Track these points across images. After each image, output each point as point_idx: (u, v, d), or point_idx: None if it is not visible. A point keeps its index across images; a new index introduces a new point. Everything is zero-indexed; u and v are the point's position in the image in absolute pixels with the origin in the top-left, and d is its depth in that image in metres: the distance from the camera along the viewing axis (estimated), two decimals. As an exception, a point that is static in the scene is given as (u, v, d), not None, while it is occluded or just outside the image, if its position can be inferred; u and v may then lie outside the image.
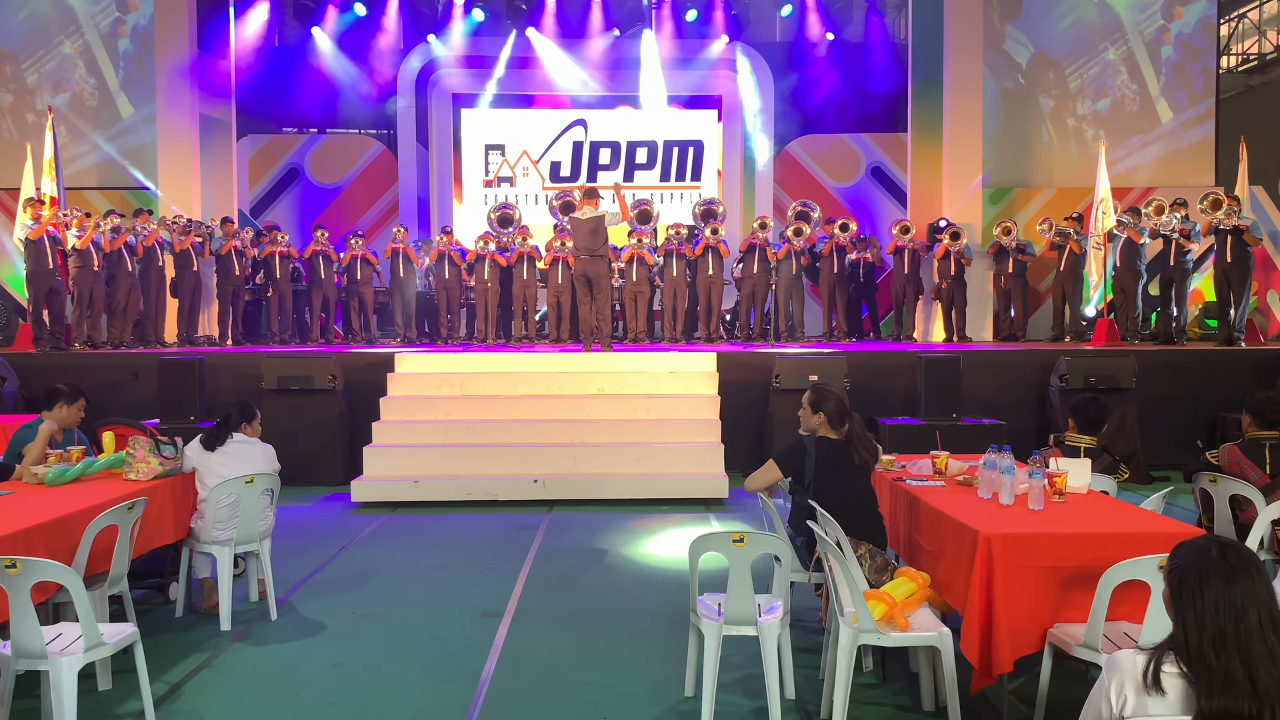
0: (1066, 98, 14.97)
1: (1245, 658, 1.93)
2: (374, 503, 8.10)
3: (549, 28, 14.89)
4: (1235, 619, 1.94)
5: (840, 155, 15.35)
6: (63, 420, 5.42)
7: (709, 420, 8.82)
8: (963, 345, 11.47)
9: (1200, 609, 1.98)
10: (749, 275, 12.01)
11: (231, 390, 9.03)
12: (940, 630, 3.61)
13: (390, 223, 14.59)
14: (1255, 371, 9.55)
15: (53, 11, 14.47)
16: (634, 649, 4.69)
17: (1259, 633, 1.94)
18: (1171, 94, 15.01)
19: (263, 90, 14.69)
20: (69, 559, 3.97)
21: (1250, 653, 1.93)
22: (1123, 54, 14.93)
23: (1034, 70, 14.91)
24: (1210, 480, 4.76)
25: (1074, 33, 14.91)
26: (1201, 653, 1.96)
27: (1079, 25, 14.92)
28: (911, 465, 4.98)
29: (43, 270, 10.49)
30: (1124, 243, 11.25)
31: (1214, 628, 1.96)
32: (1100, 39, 14.87)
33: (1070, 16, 14.88)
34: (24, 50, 14.45)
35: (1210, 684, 1.95)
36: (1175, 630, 2.03)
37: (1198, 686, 1.96)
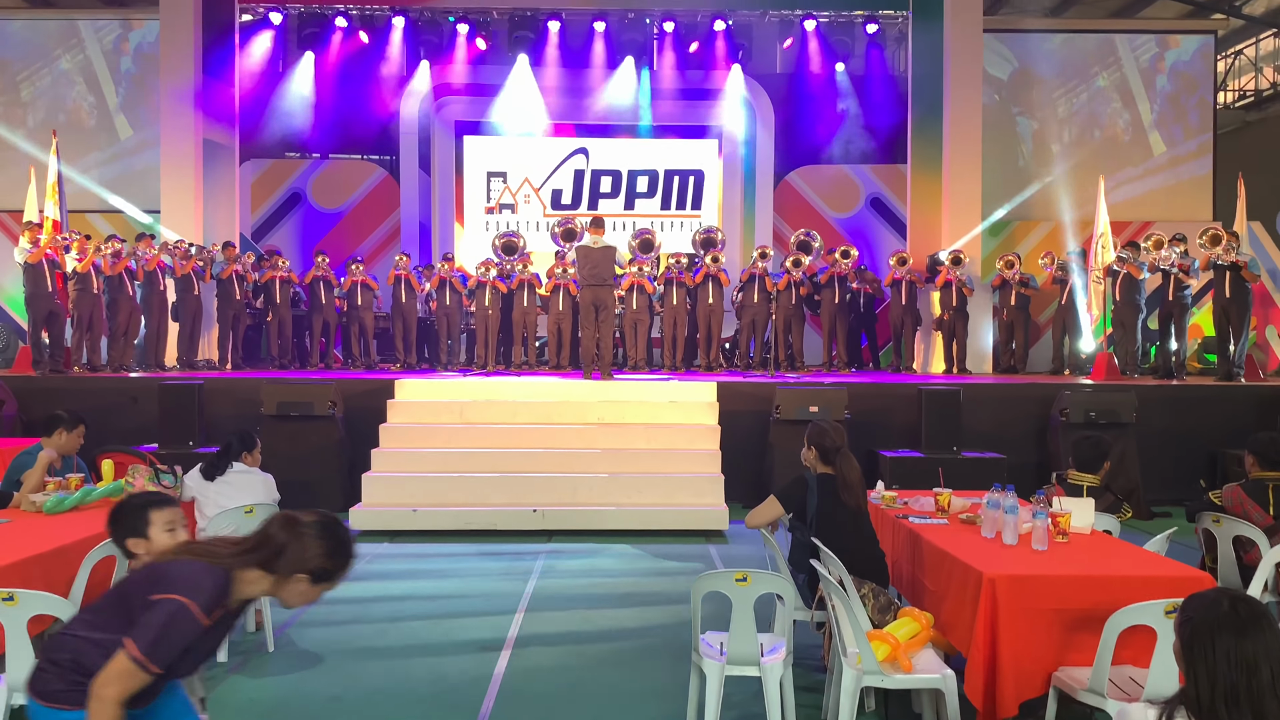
0: (1063, 131, 15.09)
1: (1258, 713, 1.92)
2: (372, 531, 8.06)
3: (551, 57, 14.98)
4: (1247, 675, 1.93)
5: (840, 186, 15.42)
6: (62, 447, 5.40)
7: (709, 451, 8.80)
8: (963, 377, 11.48)
9: (1212, 663, 1.96)
10: (749, 304, 12.03)
11: (231, 415, 9.01)
12: (944, 672, 3.59)
13: (392, 248, 14.62)
14: (1256, 408, 9.56)
15: (53, 25, 14.58)
16: (634, 685, 4.65)
17: (1271, 689, 1.92)
18: (1168, 130, 15.12)
19: (266, 115, 14.76)
20: (66, 590, 3.94)
21: (1264, 709, 1.91)
22: (1117, 86, 15.05)
23: (1034, 104, 15.04)
24: (1214, 521, 4.75)
25: (1072, 67, 15.06)
26: (1214, 709, 1.94)
27: (1074, 59, 15.06)
28: (914, 502, 4.97)
29: (42, 293, 10.48)
30: (1123, 277, 11.29)
31: (1226, 683, 1.94)
32: (1093, 65, 15.03)
33: (1065, 48, 15.04)
34: (20, 62, 14.54)
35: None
36: (1186, 684, 2.01)
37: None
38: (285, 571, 2.47)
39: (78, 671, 2.35)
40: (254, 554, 2.46)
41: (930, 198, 13.63)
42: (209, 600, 2.36)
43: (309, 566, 2.48)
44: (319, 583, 2.51)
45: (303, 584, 2.49)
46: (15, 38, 14.65)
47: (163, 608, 2.31)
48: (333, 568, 2.51)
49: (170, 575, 2.37)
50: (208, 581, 2.37)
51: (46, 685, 2.40)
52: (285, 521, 2.51)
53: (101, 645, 2.35)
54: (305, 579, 2.48)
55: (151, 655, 2.28)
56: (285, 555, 2.46)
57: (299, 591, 2.50)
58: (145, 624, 2.31)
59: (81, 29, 14.70)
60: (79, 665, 2.36)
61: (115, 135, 14.72)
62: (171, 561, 2.42)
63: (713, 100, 15.32)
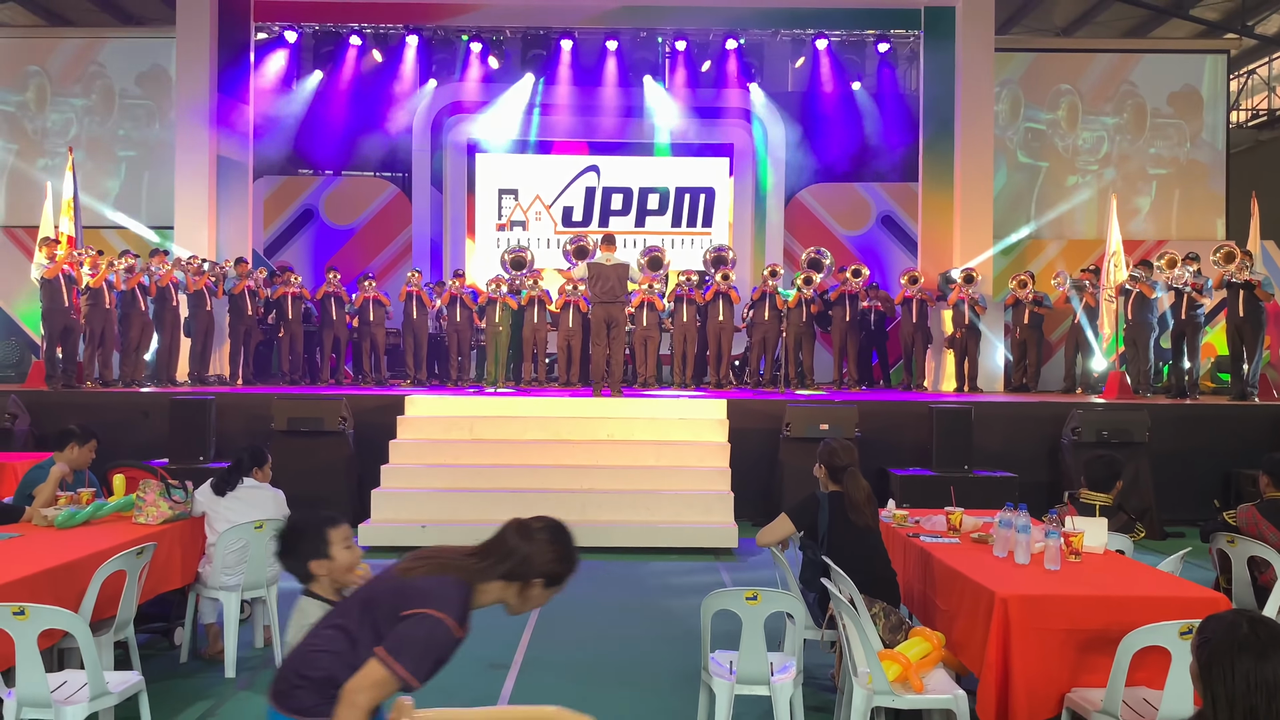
0: (1070, 150, 15.08)
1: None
2: (381, 547, 8.05)
3: (564, 75, 15.06)
4: (1268, 697, 1.90)
5: (851, 204, 15.44)
6: (74, 461, 5.42)
7: (719, 468, 8.77)
8: (974, 395, 11.44)
9: (1231, 685, 1.93)
10: (760, 322, 12.03)
11: (242, 431, 9.03)
12: (956, 692, 3.56)
13: (403, 264, 14.67)
14: (1270, 427, 9.49)
15: (70, 44, 14.75)
16: (643, 704, 4.62)
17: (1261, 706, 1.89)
18: (1180, 149, 15.09)
19: (279, 133, 14.87)
20: (76, 605, 3.94)
21: None
22: (1130, 105, 15.05)
23: (1029, 125, 15.06)
24: (1228, 541, 4.71)
25: (1085, 82, 15.06)
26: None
27: (1089, 76, 15.07)
28: (925, 521, 4.94)
29: (58, 308, 10.56)
30: (1135, 296, 11.25)
31: (1245, 705, 1.91)
32: (1106, 84, 15.05)
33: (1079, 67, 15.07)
34: (37, 80, 14.70)
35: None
36: (1204, 707, 1.98)
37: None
38: (523, 578, 2.52)
39: (332, 686, 2.37)
40: (497, 566, 2.51)
41: (942, 216, 13.63)
42: (461, 614, 2.41)
43: (544, 571, 2.53)
44: (551, 587, 2.56)
45: (537, 589, 2.55)
46: (33, 56, 14.81)
47: (421, 623, 2.35)
48: (564, 570, 2.58)
49: (420, 590, 2.40)
50: (456, 595, 2.42)
51: (301, 702, 2.41)
52: (519, 529, 2.57)
53: (349, 658, 2.38)
54: (540, 583, 2.54)
55: (415, 670, 2.33)
56: (523, 563, 2.51)
57: (532, 597, 2.56)
58: (404, 638, 2.34)
59: (98, 48, 14.85)
60: (333, 680, 2.38)
61: (130, 152, 14.83)
62: (418, 576, 2.44)
63: (724, 118, 15.37)
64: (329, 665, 2.40)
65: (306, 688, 2.42)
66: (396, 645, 2.33)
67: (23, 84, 14.79)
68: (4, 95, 14.79)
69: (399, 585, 2.43)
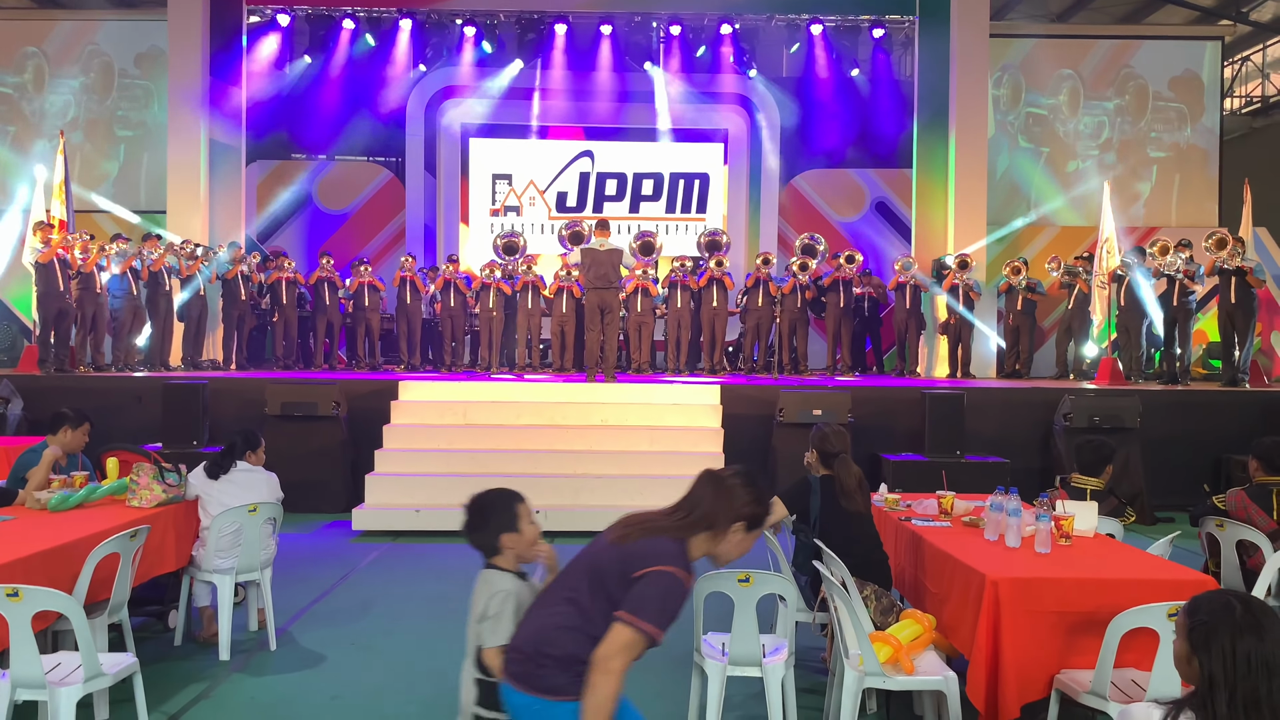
0: (1071, 135, 15.08)
1: (1276, 715, 1.89)
2: (375, 531, 8.07)
3: (558, 60, 15.00)
4: (1268, 677, 1.90)
5: (845, 190, 15.43)
6: (67, 445, 5.41)
7: (712, 453, 8.80)
8: (967, 382, 11.47)
9: (1230, 666, 1.92)
10: (753, 308, 12.04)
11: (235, 415, 9.03)
12: (946, 674, 3.59)
13: (397, 249, 14.64)
14: (1260, 413, 9.53)
15: (61, 26, 14.64)
16: (634, 686, 4.61)
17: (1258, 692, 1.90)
18: (1174, 135, 15.10)
19: (272, 117, 14.80)
20: (70, 587, 3.95)
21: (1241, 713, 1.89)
22: (1124, 92, 15.05)
23: (1030, 111, 15.04)
24: (1217, 525, 4.74)
25: (1087, 67, 15.05)
26: (1231, 712, 1.92)
27: (1090, 61, 15.06)
28: (917, 505, 4.96)
29: (53, 293, 10.52)
30: (1128, 282, 11.27)
31: (1246, 686, 1.90)
32: (1100, 70, 15.04)
33: (1072, 53, 15.05)
34: (28, 63, 14.60)
35: None
36: (1200, 687, 1.97)
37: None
38: (724, 526, 2.58)
39: (577, 662, 2.44)
40: (697, 518, 2.57)
41: (936, 202, 13.62)
42: (686, 566, 2.50)
43: (741, 515, 2.59)
44: (751, 530, 2.63)
45: (739, 534, 2.61)
46: (30, 38, 14.68)
47: (656, 580, 2.42)
48: (761, 512, 2.65)
49: (644, 552, 2.47)
50: (676, 550, 2.50)
51: (551, 681, 2.47)
52: (711, 480, 2.63)
53: (587, 630, 2.45)
54: (740, 528, 2.60)
55: (659, 624, 2.42)
56: (722, 512, 2.57)
57: (736, 542, 2.62)
58: (643, 598, 2.41)
59: (95, 29, 14.73)
60: (576, 657, 2.45)
61: (129, 132, 14.74)
62: (635, 542, 2.51)
63: (719, 104, 15.33)
64: (569, 642, 2.47)
65: (552, 666, 2.48)
66: (637, 605, 2.40)
67: (20, 66, 14.67)
68: (1, 77, 14.66)
69: (621, 552, 2.50)
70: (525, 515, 2.91)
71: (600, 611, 2.45)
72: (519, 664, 2.52)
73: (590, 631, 2.44)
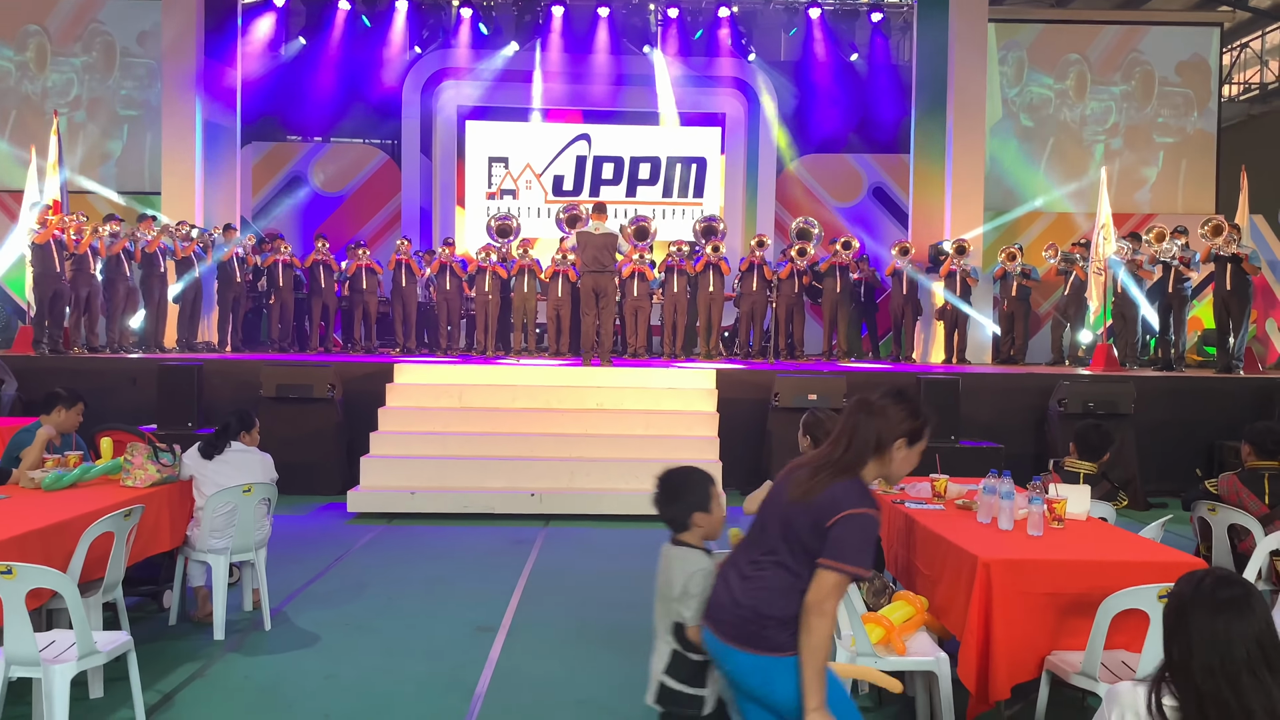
0: (1068, 122, 15.05)
1: (1235, 690, 1.91)
2: (370, 513, 8.08)
3: (555, 42, 14.94)
4: (1221, 653, 1.92)
5: (842, 175, 15.41)
6: (61, 425, 5.41)
7: (708, 437, 8.81)
8: (962, 367, 11.48)
9: (1186, 640, 1.95)
10: (748, 293, 12.03)
11: (230, 398, 9.02)
12: (938, 655, 3.61)
13: (392, 232, 14.61)
14: (1254, 400, 9.56)
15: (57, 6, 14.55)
16: (629, 667, 4.66)
17: (1247, 667, 1.91)
18: (1172, 122, 15.08)
19: (268, 98, 14.74)
20: (64, 565, 3.95)
21: (1240, 686, 1.91)
22: (1122, 78, 15.02)
23: (1036, 95, 15.00)
24: (1209, 509, 4.76)
25: (1094, 51, 15.02)
26: (1191, 683, 1.94)
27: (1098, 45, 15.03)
28: (910, 488, 4.97)
29: (49, 274, 10.50)
30: (1124, 269, 11.28)
31: (1200, 660, 1.93)
32: (1099, 56, 15.00)
33: (1070, 39, 15.01)
34: (20, 44, 14.50)
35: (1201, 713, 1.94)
36: (1165, 659, 2.01)
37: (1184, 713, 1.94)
38: (887, 448, 2.67)
39: (796, 619, 2.55)
40: (863, 450, 2.65)
41: (933, 188, 13.61)
42: (871, 501, 2.60)
43: (901, 432, 2.69)
44: (914, 444, 2.72)
45: (903, 451, 2.71)
46: (32, 15, 14.56)
47: (854, 523, 2.53)
48: (920, 425, 2.74)
49: (830, 500, 2.56)
50: (857, 489, 2.60)
51: (776, 640, 2.56)
52: (862, 407, 2.69)
53: (800, 589, 2.55)
54: (903, 444, 2.70)
55: (862, 563, 2.53)
56: (881, 434, 2.65)
57: (902, 460, 2.72)
58: (842, 542, 2.52)
59: (98, 6, 14.60)
60: (794, 615, 2.56)
61: (132, 111, 14.64)
62: (819, 492, 2.58)
63: (716, 88, 15.29)
64: (787, 602, 2.57)
65: (774, 626, 2.57)
66: (838, 551, 2.52)
67: (22, 43, 14.57)
68: (4, 54, 14.55)
69: (807, 508, 2.58)
70: (717, 497, 2.99)
71: (806, 566, 2.56)
72: (739, 626, 2.60)
73: (803, 587, 2.56)
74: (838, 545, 2.52)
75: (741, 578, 2.65)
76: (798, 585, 2.56)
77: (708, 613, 2.70)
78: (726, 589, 2.67)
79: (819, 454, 2.69)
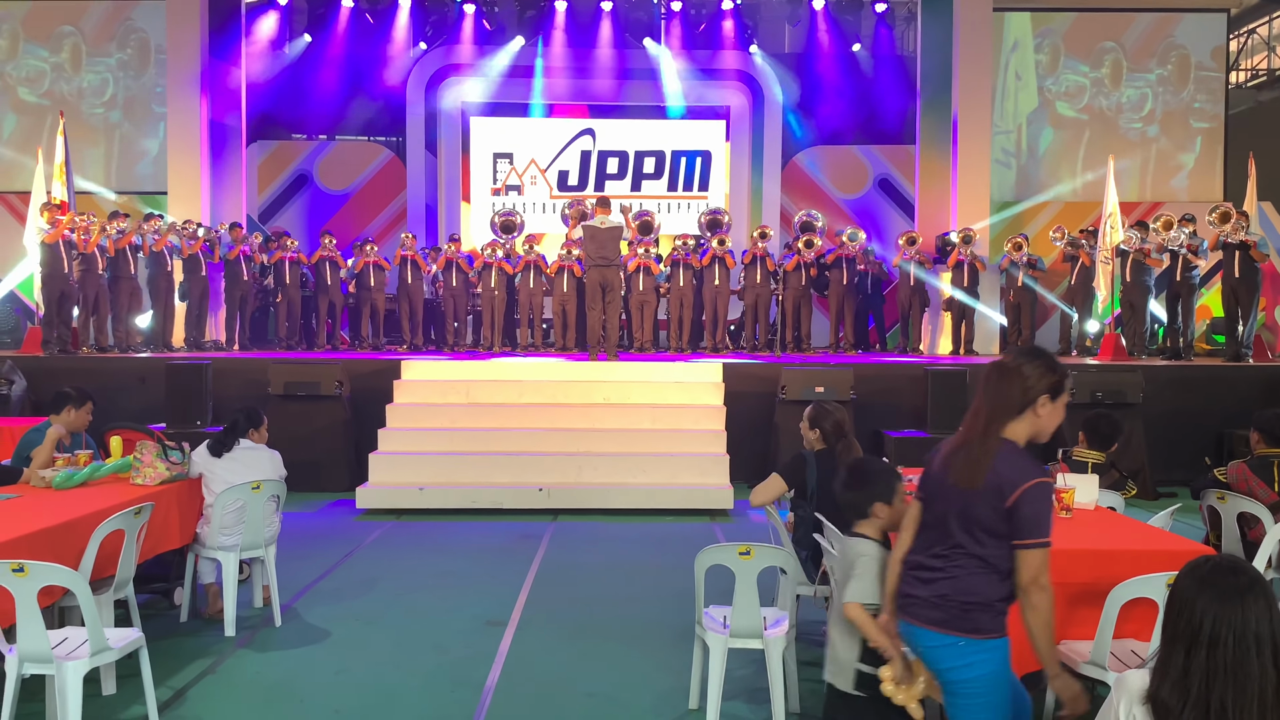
0: (1076, 111, 14.98)
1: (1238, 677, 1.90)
2: (379, 509, 8.10)
3: (558, 37, 14.92)
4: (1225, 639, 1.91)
5: (848, 167, 15.36)
6: (70, 424, 5.44)
7: (715, 431, 8.81)
8: (969, 358, 11.46)
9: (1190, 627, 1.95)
10: (751, 285, 12.01)
11: (238, 395, 9.04)
12: (946, 645, 3.60)
13: (398, 229, 14.61)
14: (1263, 388, 9.52)
15: (58, 6, 14.54)
16: (638, 660, 4.68)
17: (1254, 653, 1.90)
18: (1180, 108, 15.00)
19: (272, 97, 14.75)
20: (75, 563, 3.98)
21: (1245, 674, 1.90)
22: (1130, 65, 14.93)
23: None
24: (1218, 497, 4.74)
25: (1083, 44, 14.93)
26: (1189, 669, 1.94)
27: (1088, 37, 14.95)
28: (918, 479, 4.96)
29: (58, 274, 10.55)
30: (1132, 258, 11.24)
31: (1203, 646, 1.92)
32: (1106, 43, 14.93)
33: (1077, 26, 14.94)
34: (25, 44, 14.51)
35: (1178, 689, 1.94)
36: (1163, 647, 2.02)
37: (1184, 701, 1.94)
38: (1031, 406, 2.67)
39: (999, 600, 2.64)
40: (1008, 412, 2.67)
41: (939, 179, 13.56)
42: (1035, 466, 2.64)
43: (1043, 389, 2.67)
44: (1056, 399, 2.70)
45: (1047, 406, 2.69)
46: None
47: (1035, 494, 2.58)
48: (1060, 378, 2.71)
49: (1002, 480, 2.60)
50: (1020, 456, 2.65)
51: (977, 622, 2.63)
52: (998, 371, 2.72)
53: (994, 571, 2.62)
54: (1046, 400, 2.68)
55: (1050, 530, 2.60)
56: (1027, 392, 2.66)
57: (1048, 414, 2.70)
58: (1030, 518, 2.57)
59: (129, 7, 14.59)
60: (996, 597, 2.64)
61: (159, 112, 14.64)
62: (984, 475, 2.61)
63: (721, 81, 15.25)
64: (986, 587, 2.63)
65: (978, 610, 2.63)
66: (1029, 527, 2.57)
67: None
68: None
69: (980, 494, 2.61)
70: (901, 492, 3.06)
71: (993, 549, 2.61)
72: (943, 611, 2.64)
73: (998, 568, 2.61)
74: (1027, 523, 2.56)
75: (929, 569, 2.71)
76: (991, 568, 2.62)
77: (901, 600, 2.76)
78: (918, 580, 2.73)
79: (964, 430, 2.72)
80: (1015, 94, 14.85)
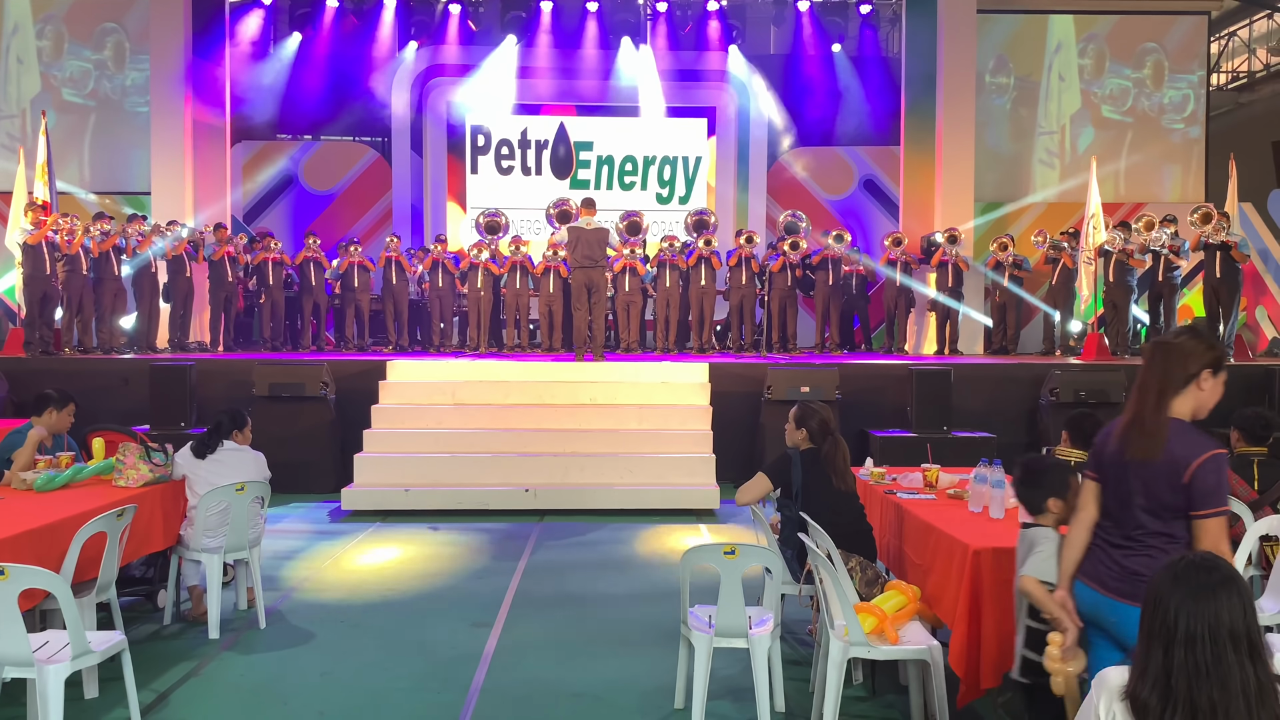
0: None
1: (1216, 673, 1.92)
2: (365, 511, 8.08)
3: (543, 38, 14.91)
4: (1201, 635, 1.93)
5: (833, 167, 15.40)
6: (52, 426, 5.41)
7: (701, 431, 8.83)
8: (954, 358, 11.51)
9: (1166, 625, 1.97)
10: (736, 286, 12.03)
11: (222, 397, 9.00)
12: (930, 644, 3.63)
13: (383, 230, 14.56)
14: (1243, 388, 9.59)
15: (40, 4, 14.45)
16: (624, 660, 4.68)
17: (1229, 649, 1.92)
18: (1161, 110, 15.11)
19: (257, 96, 14.67)
20: (57, 566, 3.95)
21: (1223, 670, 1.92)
22: (1111, 67, 15.03)
23: (1022, 84, 15.02)
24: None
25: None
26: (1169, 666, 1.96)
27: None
28: (902, 478, 4.99)
29: (40, 275, 10.47)
30: (1115, 258, 11.31)
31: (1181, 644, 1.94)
32: (1086, 46, 15.02)
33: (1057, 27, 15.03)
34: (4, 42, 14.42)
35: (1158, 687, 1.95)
36: (1139, 645, 2.04)
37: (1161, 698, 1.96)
38: (1193, 379, 2.78)
39: None
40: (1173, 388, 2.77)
41: (923, 179, 13.62)
42: (1206, 439, 2.73)
43: (1205, 364, 2.78)
44: (1218, 373, 2.81)
45: (1209, 380, 2.80)
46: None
47: (1212, 465, 2.68)
48: (1220, 353, 2.84)
49: (1176, 453, 2.70)
50: (1190, 429, 2.75)
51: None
52: (1160, 349, 2.83)
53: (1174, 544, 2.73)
54: (1209, 374, 2.79)
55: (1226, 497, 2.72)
56: (1188, 369, 2.77)
57: (1211, 389, 2.81)
58: (1209, 489, 2.68)
59: (68, 8, 14.53)
60: None
61: (106, 115, 14.57)
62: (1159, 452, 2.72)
63: (706, 82, 15.26)
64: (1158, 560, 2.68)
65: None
66: (1208, 498, 2.68)
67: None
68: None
69: (1157, 469, 2.72)
70: (1075, 488, 3.15)
71: (1175, 521, 2.74)
72: (1126, 582, 2.75)
73: (1183, 539, 2.73)
74: (1205, 495, 2.66)
75: (1116, 548, 2.82)
76: (1175, 541, 2.73)
77: (1090, 573, 2.85)
78: (1107, 557, 2.83)
79: (1134, 406, 2.81)
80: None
